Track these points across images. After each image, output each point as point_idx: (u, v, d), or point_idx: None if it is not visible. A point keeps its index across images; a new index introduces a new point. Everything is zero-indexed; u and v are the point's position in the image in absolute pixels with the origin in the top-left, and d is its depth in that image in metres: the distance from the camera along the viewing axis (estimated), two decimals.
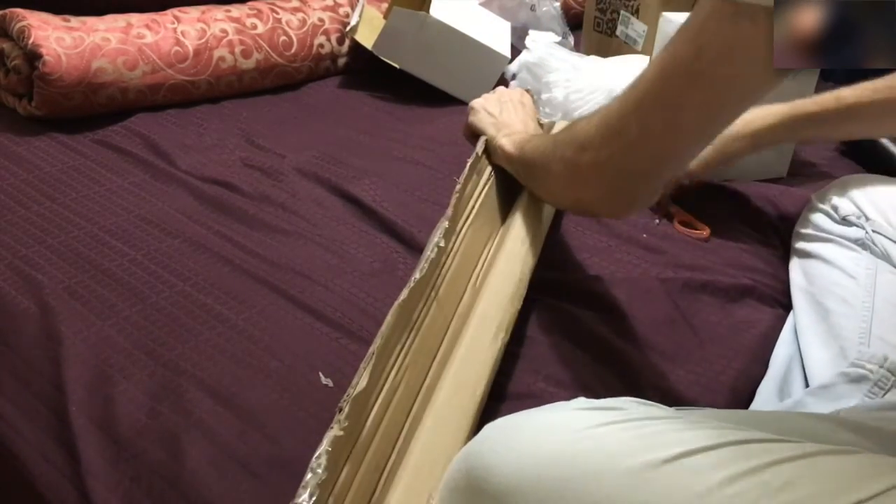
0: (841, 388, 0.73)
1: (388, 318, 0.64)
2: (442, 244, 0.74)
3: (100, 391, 0.71)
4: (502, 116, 0.94)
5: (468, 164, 0.86)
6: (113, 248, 0.90)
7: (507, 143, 0.86)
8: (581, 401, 0.56)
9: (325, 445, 0.54)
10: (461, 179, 0.83)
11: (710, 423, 0.53)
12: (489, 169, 0.90)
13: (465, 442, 0.62)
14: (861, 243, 0.87)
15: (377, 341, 0.62)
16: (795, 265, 0.92)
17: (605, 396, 0.73)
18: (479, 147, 0.90)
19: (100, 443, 0.66)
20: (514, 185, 0.91)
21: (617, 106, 0.63)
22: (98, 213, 0.97)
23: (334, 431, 0.55)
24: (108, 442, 0.66)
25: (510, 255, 0.82)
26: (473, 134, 0.96)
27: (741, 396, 0.78)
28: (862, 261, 0.86)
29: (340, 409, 0.57)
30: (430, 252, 0.72)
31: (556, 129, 1.02)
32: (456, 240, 0.79)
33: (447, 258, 0.76)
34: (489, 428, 0.55)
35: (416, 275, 0.69)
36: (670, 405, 0.74)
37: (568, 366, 0.77)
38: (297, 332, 0.79)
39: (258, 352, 0.76)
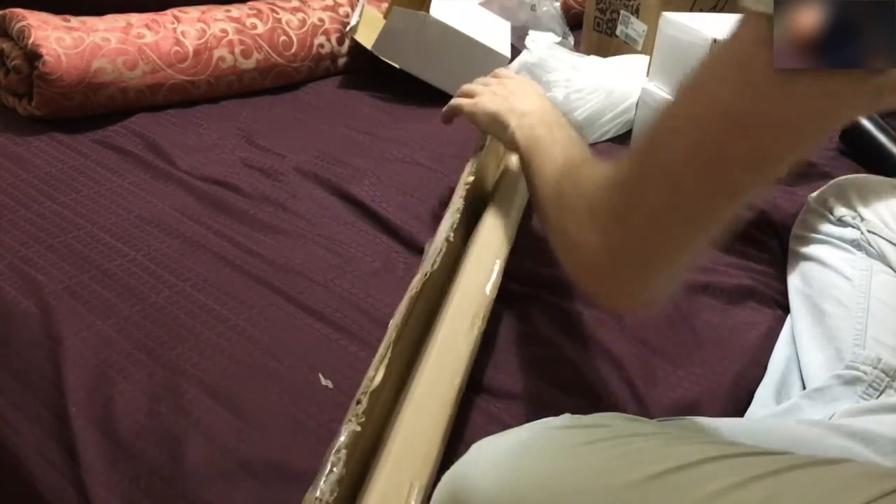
0: (836, 390, 0.73)
1: (402, 308, 0.65)
2: (451, 238, 0.74)
3: (99, 391, 0.71)
4: (516, 103, 0.80)
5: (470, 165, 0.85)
6: (113, 248, 0.90)
7: (520, 135, 0.73)
8: (566, 418, 0.55)
9: (343, 439, 0.54)
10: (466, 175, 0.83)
11: (696, 437, 0.52)
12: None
13: (445, 431, 0.62)
14: (856, 244, 0.87)
15: (391, 333, 0.62)
16: (793, 267, 0.92)
17: (604, 398, 0.73)
18: (482, 150, 0.88)
19: (99, 443, 0.66)
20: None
21: (636, 172, 0.51)
22: (98, 213, 0.97)
23: (352, 426, 0.55)
24: (107, 442, 0.66)
25: (485, 244, 0.81)
26: (449, 118, 0.89)
27: (741, 399, 0.78)
28: (857, 262, 0.85)
29: (359, 402, 0.57)
30: (441, 246, 0.73)
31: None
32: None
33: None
34: (474, 449, 0.55)
35: (429, 268, 0.70)
36: (670, 407, 0.74)
37: (568, 366, 0.77)
38: (297, 332, 0.79)
39: (258, 352, 0.76)
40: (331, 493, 0.51)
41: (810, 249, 0.91)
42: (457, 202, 0.83)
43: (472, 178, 0.86)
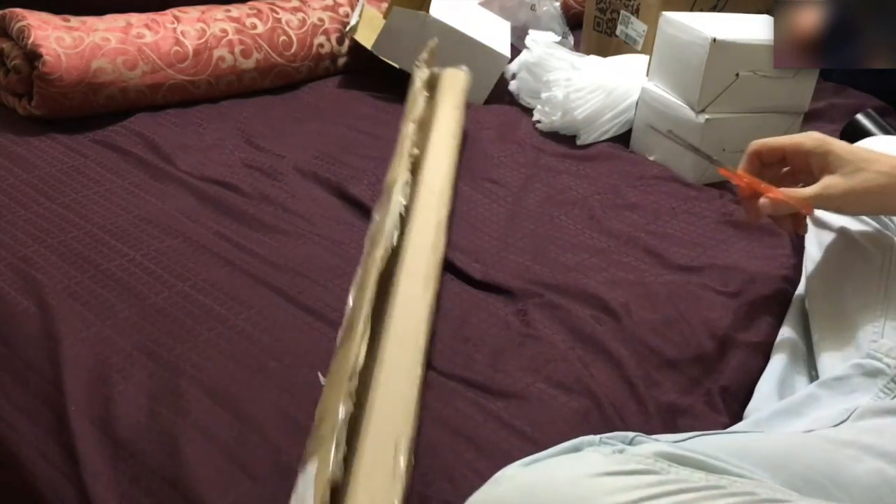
0: (855, 381, 0.70)
1: (370, 283, 0.75)
2: (404, 213, 0.84)
3: (99, 391, 0.71)
4: None
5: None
6: (112, 248, 0.90)
7: None
8: (607, 455, 0.53)
9: (342, 416, 0.59)
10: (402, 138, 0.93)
11: (745, 491, 0.50)
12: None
13: (420, 385, 0.68)
14: (878, 219, 0.84)
15: (365, 309, 0.71)
16: (811, 233, 0.88)
17: (604, 398, 0.73)
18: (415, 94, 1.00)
19: (99, 443, 0.66)
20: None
21: None
22: (98, 213, 0.97)
23: (347, 408, 0.60)
24: (107, 442, 0.66)
25: (426, 204, 0.89)
26: None
27: (740, 396, 0.78)
28: (881, 240, 0.82)
29: (350, 379, 0.63)
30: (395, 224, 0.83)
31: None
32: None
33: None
34: (508, 488, 0.52)
35: (389, 244, 0.80)
36: (670, 407, 0.74)
37: (567, 366, 0.77)
38: (297, 332, 0.79)
39: (257, 352, 0.76)
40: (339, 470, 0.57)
41: (830, 218, 0.87)
42: (403, 174, 0.91)
43: (416, 151, 0.95)
